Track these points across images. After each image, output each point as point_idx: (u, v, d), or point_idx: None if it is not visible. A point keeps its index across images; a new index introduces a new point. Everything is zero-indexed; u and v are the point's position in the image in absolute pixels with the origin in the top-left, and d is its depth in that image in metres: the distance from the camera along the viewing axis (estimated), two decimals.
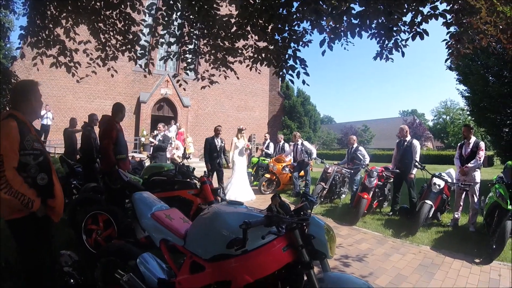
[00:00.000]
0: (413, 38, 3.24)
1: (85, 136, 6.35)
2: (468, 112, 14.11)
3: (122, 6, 4.84)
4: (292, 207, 2.05)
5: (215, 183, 6.57)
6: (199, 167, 12.37)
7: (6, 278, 3.00)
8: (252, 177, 10.73)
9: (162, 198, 3.21)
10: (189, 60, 4.93)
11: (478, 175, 5.76)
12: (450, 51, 3.87)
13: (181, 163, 5.09)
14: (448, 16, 3.40)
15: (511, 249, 4.65)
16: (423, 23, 3.21)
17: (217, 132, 7.98)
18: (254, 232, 1.72)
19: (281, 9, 3.30)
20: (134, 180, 4.55)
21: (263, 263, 1.78)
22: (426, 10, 3.23)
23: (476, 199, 5.67)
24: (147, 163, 9.33)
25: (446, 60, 4.01)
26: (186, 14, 4.29)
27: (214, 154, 7.81)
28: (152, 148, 10.42)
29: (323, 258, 1.91)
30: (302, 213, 1.92)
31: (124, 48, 5.19)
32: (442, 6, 3.44)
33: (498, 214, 4.61)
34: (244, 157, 8.78)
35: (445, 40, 3.81)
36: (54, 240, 2.47)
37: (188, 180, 4.80)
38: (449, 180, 5.87)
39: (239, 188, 8.28)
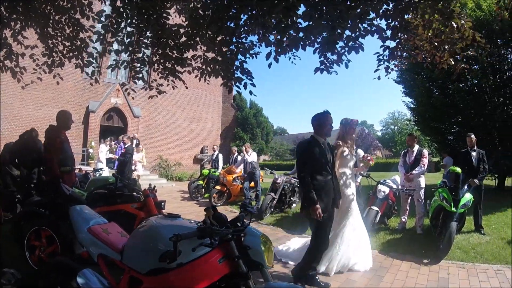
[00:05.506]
0: (349, 52, 3.44)
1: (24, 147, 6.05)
2: (414, 122, 15.11)
3: (72, 12, 4.69)
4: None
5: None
6: (150, 180, 12.02)
7: None
8: (203, 189, 10.62)
9: (105, 212, 3.12)
10: (137, 69, 4.85)
11: (422, 181, 6.12)
12: (381, 63, 4.09)
13: (118, 176, 4.94)
14: (386, 32, 3.63)
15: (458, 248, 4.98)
16: (360, 38, 3.42)
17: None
18: (189, 245, 1.71)
19: (229, 21, 3.37)
20: (78, 193, 4.37)
21: (200, 275, 1.78)
22: (364, 25, 3.44)
23: (422, 203, 6.01)
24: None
25: (375, 71, 4.14)
26: (136, 22, 4.23)
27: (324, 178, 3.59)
28: (117, 163, 10.03)
29: (261, 268, 1.94)
30: (239, 223, 1.94)
31: (71, 54, 5.01)
32: (381, 22, 3.68)
33: (443, 216, 4.90)
34: (353, 185, 4.35)
35: (377, 53, 4.01)
36: None
37: (134, 193, 4.68)
38: (394, 187, 6.20)
39: (353, 244, 4.18)
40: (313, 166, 3.53)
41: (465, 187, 5.32)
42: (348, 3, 3.20)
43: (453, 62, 4.23)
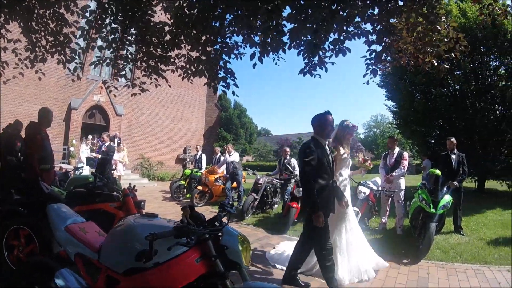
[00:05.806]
0: (336, 55, 3.47)
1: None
2: (396, 126, 15.37)
3: (56, 6, 4.63)
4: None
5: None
6: (131, 180, 11.73)
7: None
8: (185, 190, 10.49)
9: (84, 211, 3.07)
10: (121, 66, 4.78)
11: (402, 182, 6.21)
12: (369, 68, 4.11)
13: (97, 174, 4.88)
14: (372, 36, 3.68)
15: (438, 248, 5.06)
16: (346, 41, 3.46)
17: None
18: (166, 244, 1.71)
19: (214, 21, 3.37)
20: (57, 192, 4.29)
21: (177, 275, 1.78)
22: (350, 29, 3.49)
23: (402, 204, 6.11)
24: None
25: (364, 75, 4.19)
26: (120, 18, 4.18)
27: None
28: (97, 162, 9.77)
29: (239, 268, 1.95)
30: (216, 223, 1.95)
31: (54, 49, 4.94)
32: (366, 26, 3.73)
33: (423, 217, 5.00)
34: (349, 188, 4.29)
35: (364, 56, 4.02)
36: None
37: (114, 192, 4.62)
38: (374, 188, 6.30)
39: (354, 247, 4.08)
40: (316, 169, 3.35)
41: (445, 189, 5.44)
42: (334, 6, 3.25)
43: (436, 63, 4.28)
